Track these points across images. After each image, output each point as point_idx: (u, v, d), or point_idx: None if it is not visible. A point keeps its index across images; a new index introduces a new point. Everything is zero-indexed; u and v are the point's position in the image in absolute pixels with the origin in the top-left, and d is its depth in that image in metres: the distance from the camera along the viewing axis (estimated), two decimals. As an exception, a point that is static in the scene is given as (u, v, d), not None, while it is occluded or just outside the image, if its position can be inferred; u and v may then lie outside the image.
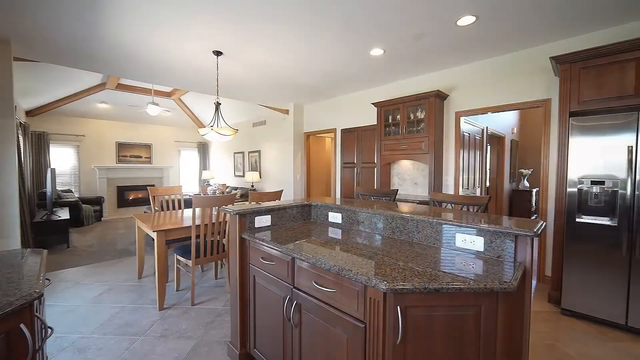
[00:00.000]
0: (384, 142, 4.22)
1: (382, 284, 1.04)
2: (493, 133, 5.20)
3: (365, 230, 1.91)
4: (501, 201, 5.61)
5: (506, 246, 1.34)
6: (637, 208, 2.15)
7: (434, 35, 2.91)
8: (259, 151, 7.27)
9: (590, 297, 2.35)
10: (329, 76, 4.25)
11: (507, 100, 3.42)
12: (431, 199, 2.25)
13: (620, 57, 2.27)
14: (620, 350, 2.01)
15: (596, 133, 2.31)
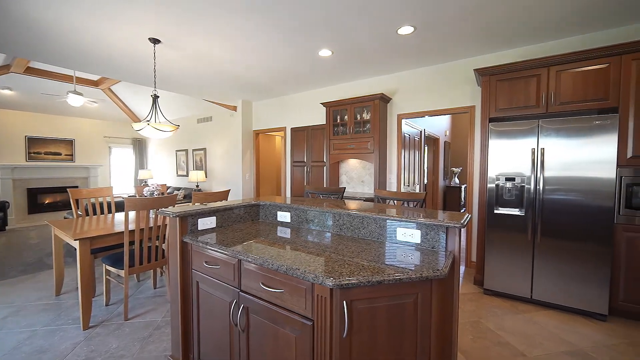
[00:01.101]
0: (332, 142, 4.33)
1: (328, 280, 1.07)
2: (429, 135, 5.72)
3: (314, 228, 1.93)
4: (437, 197, 6.20)
5: (439, 237, 1.48)
6: (538, 200, 2.58)
7: (378, 40, 3.07)
8: (205, 149, 6.85)
9: (505, 277, 2.74)
10: (278, 74, 4.20)
11: (441, 106, 3.79)
12: (376, 196, 2.39)
13: (525, 73, 2.69)
14: (527, 319, 2.39)
15: (509, 136, 2.70)
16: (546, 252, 2.55)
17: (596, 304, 2.37)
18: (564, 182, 2.47)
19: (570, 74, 2.51)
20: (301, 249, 1.47)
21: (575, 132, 2.42)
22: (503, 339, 2.13)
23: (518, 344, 2.07)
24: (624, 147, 2.34)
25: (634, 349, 2.01)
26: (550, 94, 2.59)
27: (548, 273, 2.55)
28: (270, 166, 7.16)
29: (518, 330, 2.23)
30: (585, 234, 2.40)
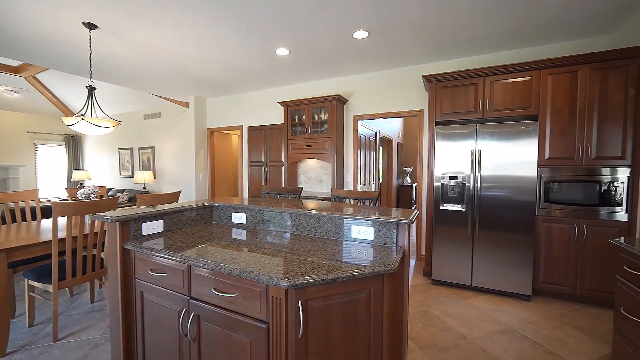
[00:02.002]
0: (290, 141, 4.31)
1: (283, 281, 1.06)
2: (384, 136, 6.00)
3: (270, 229, 1.91)
4: (391, 195, 6.53)
5: (391, 234, 1.56)
6: (476, 197, 2.86)
7: (335, 43, 3.14)
8: (153, 147, 6.34)
9: (450, 268, 2.99)
10: (234, 71, 4.05)
11: (393, 108, 4.00)
12: (333, 195, 2.44)
13: (466, 81, 2.96)
14: (468, 305, 2.64)
15: (452, 139, 2.95)
16: (483, 243, 2.84)
17: (522, 286, 2.71)
18: (497, 180, 2.78)
19: (502, 84, 2.83)
20: (256, 250, 1.43)
21: (506, 136, 2.73)
22: (447, 324, 2.33)
23: (460, 328, 2.27)
24: (543, 149, 2.71)
25: (551, 323, 2.34)
26: (486, 101, 2.89)
27: (485, 262, 2.84)
28: (227, 166, 6.88)
29: (460, 315, 2.46)
30: (514, 226, 2.72)
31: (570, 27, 2.78)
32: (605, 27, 2.78)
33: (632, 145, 2.44)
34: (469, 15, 2.57)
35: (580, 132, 2.58)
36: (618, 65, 2.46)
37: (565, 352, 1.99)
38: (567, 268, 2.65)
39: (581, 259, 2.60)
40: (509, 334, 2.20)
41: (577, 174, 2.60)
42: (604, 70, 2.50)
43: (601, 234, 2.52)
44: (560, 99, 2.64)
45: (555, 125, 2.66)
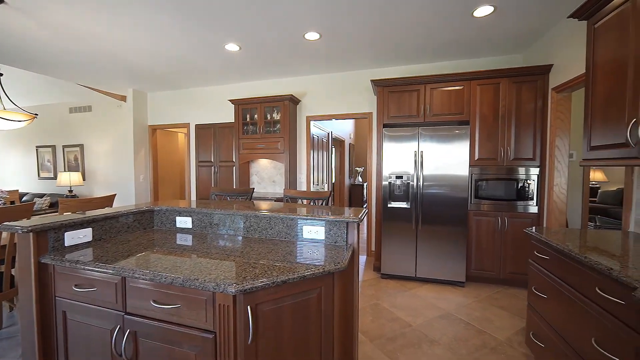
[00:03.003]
0: (242, 141, 4.17)
1: (230, 287, 1.02)
2: (336, 137, 6.16)
3: (219, 232, 1.82)
4: (343, 194, 6.73)
5: (341, 232, 1.60)
6: (419, 194, 3.10)
7: (286, 42, 3.12)
8: (82, 145, 5.59)
9: (397, 262, 3.19)
10: (179, 64, 3.77)
11: (346, 110, 4.13)
12: (285, 196, 2.42)
13: (410, 87, 3.19)
14: (412, 295, 2.85)
15: (398, 140, 3.15)
16: (425, 237, 3.09)
17: (458, 274, 3.02)
18: (436, 179, 3.05)
19: (440, 92, 3.11)
20: (203, 256, 1.36)
21: (443, 139, 3.01)
22: (395, 315, 2.48)
23: (406, 317, 2.44)
24: (473, 151, 3.04)
25: (480, 305, 2.65)
26: (427, 106, 3.14)
27: (427, 254, 3.09)
28: (173, 166, 6.39)
29: (406, 305, 2.64)
30: (451, 220, 3.01)
31: (495, 44, 3.17)
32: (521, 46, 3.23)
33: (540, 148, 2.88)
34: (411, 27, 2.76)
35: (502, 136, 2.96)
36: (529, 80, 2.88)
37: (491, 329, 2.27)
38: (493, 255, 3.02)
39: (503, 247, 2.98)
40: (447, 318, 2.43)
41: (499, 173, 2.98)
42: (519, 83, 2.91)
43: (518, 224, 2.93)
44: (486, 107, 2.99)
45: (483, 130, 3.01)
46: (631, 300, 1.08)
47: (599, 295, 1.25)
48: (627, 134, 1.47)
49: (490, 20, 2.65)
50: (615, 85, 1.57)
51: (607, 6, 1.64)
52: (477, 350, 2.01)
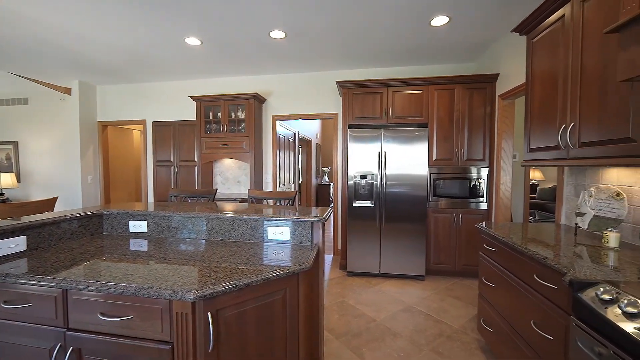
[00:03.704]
0: (204, 140, 4.00)
1: (189, 293, 0.97)
2: (303, 137, 6.16)
3: (178, 236, 1.73)
4: (310, 194, 6.76)
5: (306, 232, 1.61)
6: (383, 193, 3.21)
7: (251, 39, 3.05)
8: (16, 142, 4.95)
9: (362, 259, 3.28)
10: (134, 56, 3.50)
11: (312, 111, 4.14)
12: (249, 197, 2.37)
13: (373, 90, 3.29)
14: (377, 291, 2.95)
15: (363, 141, 3.23)
16: (389, 234, 3.21)
17: (418, 269, 3.18)
18: (398, 179, 3.18)
19: (401, 95, 3.25)
20: (159, 262, 1.28)
21: (405, 140, 3.15)
22: (360, 311, 2.55)
23: (370, 313, 2.52)
24: (432, 152, 3.23)
25: (438, 296, 2.82)
26: (389, 109, 3.27)
27: (390, 250, 3.22)
28: (127, 167, 5.92)
29: (371, 301, 2.72)
30: (412, 217, 3.17)
31: (451, 52, 3.39)
32: (474, 55, 3.50)
33: (489, 150, 3.14)
34: (374, 31, 2.85)
35: (456, 138, 3.18)
36: (480, 87, 3.13)
37: (448, 318, 2.43)
38: (449, 249, 3.23)
39: (458, 241, 3.21)
40: (408, 311, 2.55)
41: (455, 173, 3.20)
42: (471, 90, 3.14)
43: (470, 220, 3.17)
44: (443, 110, 3.19)
45: (440, 132, 3.21)
46: (562, 284, 1.22)
47: (536, 281, 1.40)
48: (558, 138, 1.66)
49: (445, 30, 2.83)
50: (549, 95, 1.77)
51: (542, 24, 1.84)
52: (435, 340, 2.14)
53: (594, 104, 1.43)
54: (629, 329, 0.87)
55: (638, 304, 0.90)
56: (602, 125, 1.37)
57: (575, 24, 1.55)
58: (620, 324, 0.89)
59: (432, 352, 2.00)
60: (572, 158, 1.58)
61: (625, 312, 0.91)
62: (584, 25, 1.50)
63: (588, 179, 1.88)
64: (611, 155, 1.33)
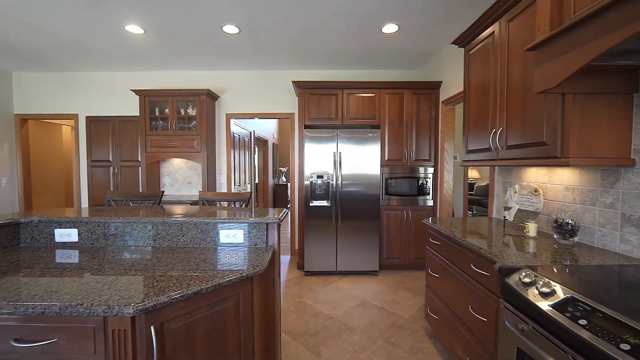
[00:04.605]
0: (150, 138, 3.68)
1: (127, 307, 0.88)
2: (259, 137, 6.02)
3: (118, 244, 1.56)
4: (267, 194, 6.64)
5: (261, 234, 1.57)
6: (338, 193, 3.29)
7: (202, 32, 2.88)
8: None
9: (319, 258, 3.31)
10: (62, 40, 3.08)
11: (268, 110, 4.06)
12: (200, 198, 2.24)
13: (329, 91, 3.35)
14: (333, 288, 3.01)
15: (319, 141, 3.27)
16: (344, 232, 3.30)
17: (373, 264, 3.32)
18: (353, 178, 3.28)
19: (355, 97, 3.36)
20: (93, 275, 1.14)
21: (359, 141, 3.26)
22: (318, 309, 2.57)
23: (327, 310, 2.56)
24: (384, 152, 3.40)
25: (391, 289, 2.98)
26: (344, 110, 3.36)
27: (346, 248, 3.31)
28: (55, 167, 5.18)
29: (328, 299, 2.77)
30: (366, 215, 3.29)
31: (401, 59, 3.60)
32: (421, 63, 3.75)
33: (434, 151, 3.40)
34: (328, 33, 2.90)
35: (405, 140, 3.39)
36: (426, 93, 3.37)
37: (399, 309, 2.57)
38: (400, 244, 3.43)
39: (408, 236, 3.42)
40: (363, 306, 2.64)
41: (405, 172, 3.40)
42: (418, 95, 3.37)
43: (419, 216, 3.40)
44: (393, 113, 3.37)
45: (391, 134, 3.38)
46: (493, 271, 1.37)
47: (473, 270, 1.55)
48: (490, 141, 1.87)
49: (396, 37, 3.00)
50: (482, 102, 1.97)
51: (477, 38, 2.04)
52: (387, 331, 2.25)
53: (517, 112, 1.63)
54: (544, 306, 1.01)
55: (551, 285, 1.05)
56: (524, 130, 1.58)
57: (503, 41, 1.76)
58: (537, 302, 1.03)
59: (385, 342, 2.10)
60: (500, 159, 1.78)
61: (541, 292, 1.05)
62: (510, 43, 1.70)
63: (513, 177, 2.14)
64: (530, 157, 1.53)
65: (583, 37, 1.03)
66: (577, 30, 1.06)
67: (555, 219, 1.57)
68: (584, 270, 1.18)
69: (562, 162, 1.33)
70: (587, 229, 1.55)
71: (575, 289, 1.01)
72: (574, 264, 1.26)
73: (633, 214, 1.33)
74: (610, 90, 1.30)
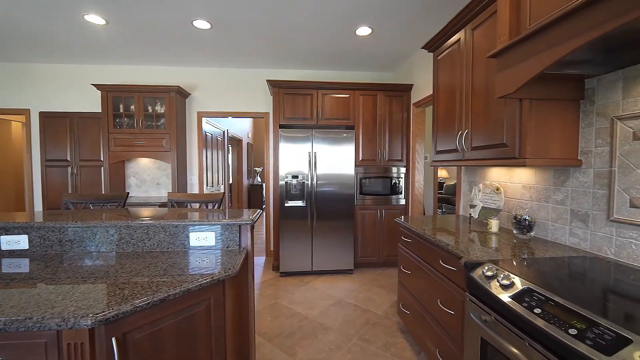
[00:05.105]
0: (113, 136, 3.46)
1: (85, 319, 0.82)
2: (233, 136, 5.88)
3: (75, 251, 1.45)
4: (242, 195, 6.50)
5: (233, 236, 1.53)
6: (314, 193, 3.29)
7: (172, 26, 2.76)
8: None
9: (294, 258, 3.30)
10: (9, 27, 2.80)
11: (243, 109, 3.97)
12: (169, 200, 2.14)
13: (304, 91, 3.34)
14: (309, 288, 3.01)
15: (294, 141, 3.25)
16: (320, 232, 3.31)
17: (348, 263, 3.37)
18: (328, 178, 3.30)
19: (330, 98, 3.38)
20: (45, 285, 1.05)
21: (334, 141, 3.29)
22: (293, 310, 2.56)
23: (303, 310, 2.55)
24: (358, 152, 3.45)
25: (365, 287, 3.04)
26: (319, 110, 3.37)
27: (321, 247, 3.32)
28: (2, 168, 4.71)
29: (304, 299, 2.76)
30: (341, 215, 3.33)
31: (375, 61, 3.67)
32: (393, 65, 3.86)
33: (406, 151, 3.52)
34: (303, 33, 2.89)
35: (379, 140, 3.47)
36: (398, 95, 3.47)
37: (373, 306, 2.63)
38: (374, 243, 3.51)
39: (381, 235, 3.51)
40: (339, 305, 2.67)
41: (378, 172, 3.48)
42: (390, 97, 3.46)
43: (392, 215, 3.50)
44: (367, 114, 3.44)
45: (365, 135, 3.45)
46: (459, 266, 1.44)
47: (442, 266, 1.62)
48: (456, 142, 1.96)
49: (369, 40, 3.06)
50: (450, 106, 2.07)
51: (445, 44, 2.14)
52: (362, 328, 2.29)
53: (481, 115, 1.73)
54: (505, 298, 1.07)
55: (510, 277, 1.13)
56: (487, 132, 1.67)
57: (468, 48, 1.85)
58: (498, 294, 1.10)
59: (360, 340, 2.14)
60: (466, 159, 1.88)
61: (501, 285, 1.12)
62: (474, 49, 1.80)
63: (478, 176, 2.27)
64: (492, 158, 1.63)
65: (537, 48, 1.12)
66: (532, 41, 1.14)
67: (514, 216, 1.68)
68: (539, 263, 1.28)
69: (520, 162, 1.43)
70: (542, 224, 1.68)
71: (531, 280, 1.08)
72: (530, 257, 1.36)
73: (580, 210, 1.46)
74: (562, 97, 1.42)
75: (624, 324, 0.78)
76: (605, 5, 0.86)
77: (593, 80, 1.40)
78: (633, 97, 1.23)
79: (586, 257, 1.33)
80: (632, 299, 0.94)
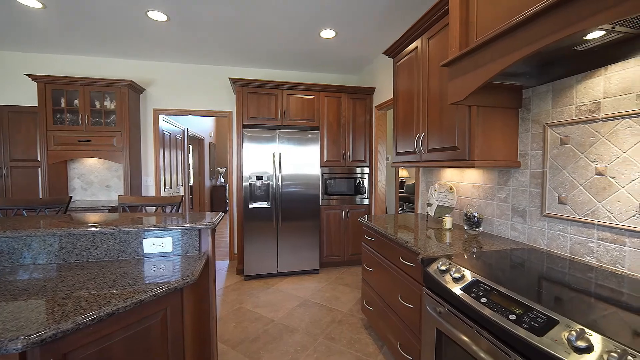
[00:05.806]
0: (54, 133, 3.11)
1: (14, 342, 0.73)
2: (194, 135, 5.60)
3: (3, 265, 1.28)
4: (203, 197, 6.22)
5: (192, 241, 1.46)
6: (279, 194, 3.26)
7: (122, 16, 2.54)
8: None
9: (259, 261, 3.24)
10: None
11: (204, 107, 3.80)
12: (120, 204, 1.97)
13: (269, 90, 3.29)
14: (275, 290, 2.97)
15: (258, 142, 3.19)
16: (285, 233, 3.29)
17: (313, 263, 3.39)
18: (294, 179, 3.29)
19: (295, 98, 3.37)
20: (-37, 306, 0.91)
21: (299, 142, 3.28)
22: (258, 314, 2.51)
23: (268, 314, 2.52)
24: (323, 153, 3.49)
25: (331, 286, 3.08)
26: (284, 111, 3.34)
27: (287, 249, 3.30)
28: None
29: (269, 302, 2.72)
30: (306, 215, 3.34)
31: (339, 63, 3.74)
32: (357, 69, 3.96)
33: (369, 153, 3.63)
34: (267, 32, 2.85)
35: (343, 142, 3.54)
36: (361, 98, 3.57)
37: (338, 305, 2.67)
38: (339, 242, 3.57)
39: (346, 234, 3.58)
40: (305, 305, 2.67)
41: (342, 173, 3.55)
42: (354, 99, 3.55)
43: (356, 214, 3.59)
44: (332, 116, 3.49)
45: (330, 136, 3.49)
46: (417, 262, 1.52)
47: (401, 262, 1.70)
48: (414, 145, 2.07)
49: (333, 43, 3.10)
50: (408, 110, 2.18)
51: (403, 51, 2.24)
52: (328, 327, 2.32)
53: (436, 119, 1.85)
54: (456, 290, 1.16)
55: (461, 270, 1.22)
56: (441, 136, 1.79)
57: (424, 56, 1.97)
58: (450, 287, 1.19)
59: (326, 339, 2.16)
60: (423, 161, 1.99)
61: (453, 278, 1.21)
62: (430, 58, 1.91)
63: (434, 177, 2.42)
64: (445, 159, 1.75)
65: (483, 59, 1.22)
66: (478, 53, 1.25)
67: (465, 213, 1.82)
68: (486, 256, 1.40)
69: (469, 164, 1.56)
70: (488, 220, 1.84)
71: (479, 272, 1.18)
72: (479, 250, 1.48)
73: (519, 207, 1.63)
74: (504, 104, 1.57)
75: (554, 307, 0.88)
76: (537, 25, 0.97)
77: (529, 91, 1.57)
78: (560, 107, 1.41)
79: (525, 249, 1.49)
80: (560, 284, 1.07)
